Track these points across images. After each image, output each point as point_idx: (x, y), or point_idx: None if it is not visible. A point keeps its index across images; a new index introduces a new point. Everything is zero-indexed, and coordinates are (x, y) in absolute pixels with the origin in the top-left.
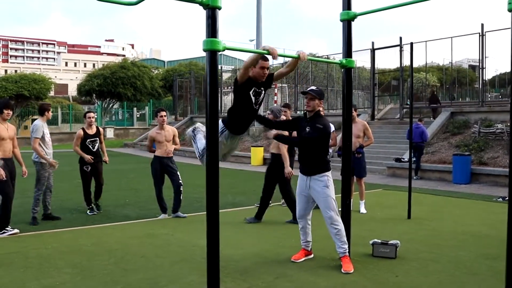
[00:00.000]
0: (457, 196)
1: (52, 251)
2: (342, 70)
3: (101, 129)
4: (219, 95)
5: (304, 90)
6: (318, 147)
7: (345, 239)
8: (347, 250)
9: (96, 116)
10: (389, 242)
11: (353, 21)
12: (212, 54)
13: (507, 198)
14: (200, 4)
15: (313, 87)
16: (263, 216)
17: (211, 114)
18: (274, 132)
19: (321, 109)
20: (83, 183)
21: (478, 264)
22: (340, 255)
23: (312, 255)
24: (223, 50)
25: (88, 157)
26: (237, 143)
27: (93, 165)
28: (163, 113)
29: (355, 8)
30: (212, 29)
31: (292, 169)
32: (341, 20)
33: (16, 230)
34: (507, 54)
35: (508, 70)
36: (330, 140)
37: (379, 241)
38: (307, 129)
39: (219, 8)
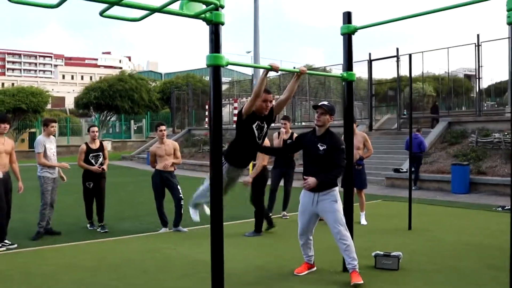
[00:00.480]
0: (457, 206)
1: (54, 267)
2: (343, 82)
3: (105, 144)
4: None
5: (316, 104)
6: (332, 164)
7: (354, 254)
8: (356, 266)
9: (98, 131)
10: (392, 254)
11: (353, 34)
12: (216, 69)
13: (507, 208)
14: (204, 20)
15: (325, 102)
16: (261, 228)
17: (215, 127)
18: (312, 182)
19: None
20: (85, 199)
21: (481, 275)
22: (349, 270)
23: (315, 268)
24: (226, 65)
25: (95, 167)
26: (238, 177)
27: (96, 182)
28: (163, 127)
29: (355, 21)
30: (215, 44)
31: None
32: (342, 34)
33: (14, 245)
34: (503, 63)
35: (504, 79)
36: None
37: (382, 253)
38: (320, 146)
39: (222, 24)
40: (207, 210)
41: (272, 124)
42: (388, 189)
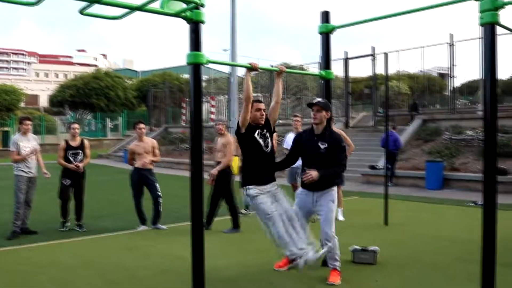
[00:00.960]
0: (431, 201)
1: (32, 266)
2: (321, 81)
3: (86, 142)
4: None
5: (311, 102)
6: (333, 162)
7: (337, 256)
8: (337, 266)
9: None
10: (369, 248)
11: (331, 33)
12: (196, 67)
13: (479, 203)
14: (184, 18)
15: (319, 99)
16: (239, 224)
17: (195, 124)
18: (315, 175)
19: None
20: (61, 197)
21: (455, 268)
22: (330, 268)
23: (297, 262)
24: (207, 64)
25: (71, 165)
26: (283, 200)
27: (74, 180)
28: (142, 126)
29: (332, 21)
30: (196, 43)
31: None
32: (320, 33)
33: None
34: (475, 63)
35: (476, 78)
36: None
37: (359, 247)
38: (321, 145)
39: (203, 23)
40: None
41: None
42: (364, 186)
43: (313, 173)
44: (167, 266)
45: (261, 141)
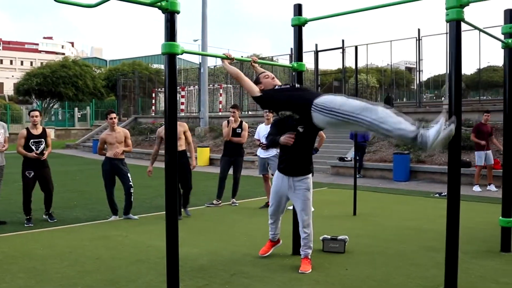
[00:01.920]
0: (398, 193)
1: (3, 256)
2: (293, 73)
3: (48, 131)
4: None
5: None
6: (309, 146)
7: (311, 244)
8: (309, 254)
9: (40, 116)
10: (338, 238)
11: (303, 26)
12: (171, 57)
13: (443, 194)
14: (159, 8)
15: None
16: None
17: (170, 114)
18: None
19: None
20: (24, 190)
21: (421, 256)
22: (301, 257)
23: (280, 243)
24: (181, 54)
25: (32, 154)
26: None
27: (38, 171)
28: (113, 115)
29: (305, 13)
30: (171, 33)
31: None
32: (292, 25)
33: None
34: (441, 57)
35: (442, 72)
36: None
37: (329, 237)
38: (300, 129)
39: (178, 12)
40: None
41: (220, 113)
42: (334, 177)
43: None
44: (140, 255)
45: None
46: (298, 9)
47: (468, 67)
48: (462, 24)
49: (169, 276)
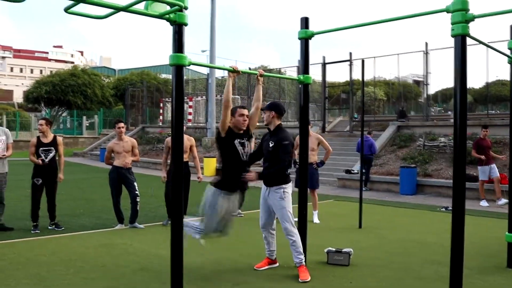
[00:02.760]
0: (404, 206)
1: (9, 262)
2: (300, 85)
3: (59, 139)
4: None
5: (261, 107)
6: (279, 160)
7: (300, 249)
8: (303, 260)
9: (47, 125)
10: (343, 250)
11: (310, 39)
12: (178, 68)
13: (449, 208)
14: (168, 20)
15: (269, 103)
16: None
17: (176, 124)
18: (252, 176)
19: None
20: (32, 197)
21: (425, 269)
22: (296, 265)
23: (277, 264)
24: (189, 65)
25: (37, 160)
26: (234, 207)
27: (46, 179)
28: (122, 124)
29: (312, 26)
30: (178, 44)
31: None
32: (299, 38)
33: None
34: (449, 71)
35: (450, 86)
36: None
37: (333, 249)
38: (270, 143)
39: (186, 25)
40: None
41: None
42: (340, 190)
43: (251, 174)
44: (145, 264)
45: (240, 148)
46: (305, 22)
47: (477, 81)
48: (469, 38)
49: (173, 285)
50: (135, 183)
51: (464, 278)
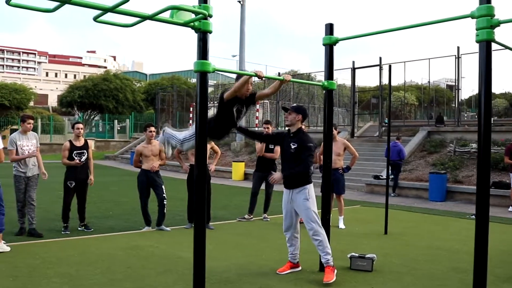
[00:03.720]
0: (433, 213)
1: (40, 261)
2: (324, 91)
3: (89, 142)
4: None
5: (284, 107)
6: (302, 161)
7: (328, 250)
8: (330, 260)
9: (83, 128)
10: (366, 256)
11: (335, 45)
12: (203, 75)
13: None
14: (192, 28)
15: (294, 105)
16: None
17: (200, 130)
18: (277, 177)
19: (303, 126)
20: (64, 199)
21: (450, 277)
22: (324, 265)
23: (299, 268)
24: (213, 72)
25: (74, 162)
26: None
27: (78, 181)
28: (152, 128)
29: (337, 33)
30: (203, 51)
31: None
32: (324, 45)
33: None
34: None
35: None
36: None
37: (357, 254)
38: (292, 145)
39: (210, 32)
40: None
41: (257, 128)
42: (368, 195)
43: (276, 176)
44: (169, 266)
45: (236, 114)
46: (329, 28)
47: None
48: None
49: (195, 286)
50: (163, 186)
51: (489, 286)
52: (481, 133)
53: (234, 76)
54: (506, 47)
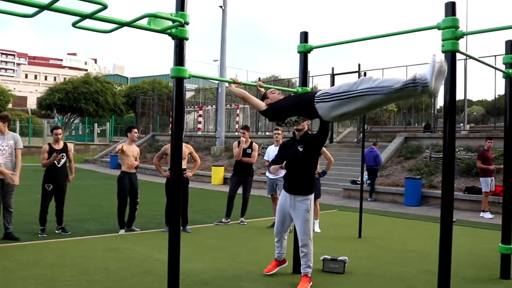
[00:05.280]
0: (407, 217)
1: (16, 263)
2: None
3: (69, 145)
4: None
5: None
6: (310, 167)
7: (310, 263)
8: (309, 272)
9: (62, 133)
10: (338, 258)
11: (309, 53)
12: (179, 81)
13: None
14: (169, 35)
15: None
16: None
17: (176, 135)
18: (276, 167)
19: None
20: (42, 201)
21: (419, 279)
22: (302, 274)
23: (286, 263)
24: (189, 77)
25: (52, 157)
26: None
27: (57, 184)
28: (136, 130)
29: (311, 40)
30: (179, 58)
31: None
32: (299, 52)
33: None
34: (459, 84)
35: (460, 98)
36: None
37: (329, 257)
38: (300, 148)
39: (187, 39)
40: None
41: (237, 133)
42: (345, 200)
43: (275, 166)
44: (146, 268)
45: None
46: (304, 36)
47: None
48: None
49: (170, 287)
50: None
51: (455, 286)
52: (446, 139)
53: (215, 80)
54: (470, 57)
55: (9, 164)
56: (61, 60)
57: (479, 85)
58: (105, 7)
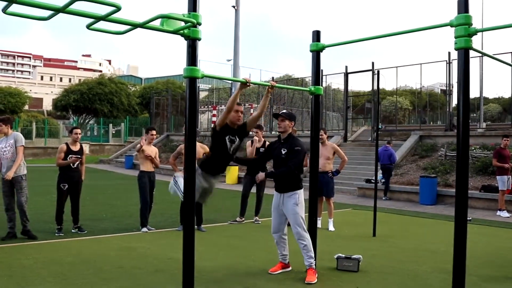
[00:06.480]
0: (422, 216)
1: (34, 261)
2: (311, 96)
3: (84, 148)
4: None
5: (276, 113)
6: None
7: (311, 253)
8: (313, 263)
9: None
10: (352, 257)
11: (321, 52)
12: (192, 81)
13: (469, 219)
14: (182, 35)
15: (284, 110)
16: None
17: (189, 135)
18: (261, 176)
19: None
20: (57, 201)
21: (433, 278)
22: (306, 267)
23: (289, 268)
24: (202, 78)
25: (69, 159)
26: (212, 184)
27: (72, 184)
28: (154, 132)
29: (324, 39)
30: (192, 58)
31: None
32: (311, 51)
33: None
34: (475, 81)
35: (476, 95)
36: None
37: (343, 255)
38: (283, 150)
39: (199, 40)
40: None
41: (250, 133)
42: (359, 199)
43: (259, 175)
44: (161, 266)
45: (228, 144)
46: (316, 35)
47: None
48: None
49: (184, 286)
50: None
51: (471, 286)
52: (460, 137)
53: (229, 80)
54: (484, 54)
55: (12, 163)
56: (76, 61)
57: (496, 82)
58: (118, 9)
